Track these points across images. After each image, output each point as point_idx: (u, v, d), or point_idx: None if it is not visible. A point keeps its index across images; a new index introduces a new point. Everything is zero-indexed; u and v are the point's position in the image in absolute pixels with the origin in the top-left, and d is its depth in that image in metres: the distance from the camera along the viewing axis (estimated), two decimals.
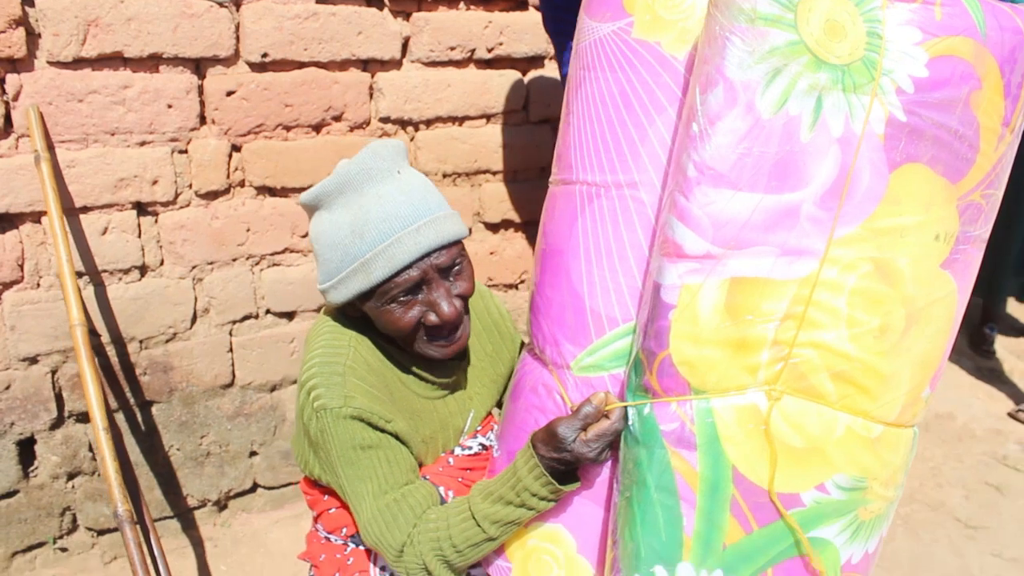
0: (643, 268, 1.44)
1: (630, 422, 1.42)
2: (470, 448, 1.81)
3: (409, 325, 1.56)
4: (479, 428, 1.86)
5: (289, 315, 2.66)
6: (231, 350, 2.59)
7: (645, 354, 1.37)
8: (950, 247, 1.36)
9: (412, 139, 2.69)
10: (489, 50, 2.73)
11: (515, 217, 2.92)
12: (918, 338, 1.37)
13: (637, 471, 1.40)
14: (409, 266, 1.51)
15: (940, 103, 1.29)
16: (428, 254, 1.53)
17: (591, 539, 1.57)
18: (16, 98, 2.17)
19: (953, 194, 1.34)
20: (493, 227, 2.91)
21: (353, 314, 1.65)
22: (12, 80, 2.16)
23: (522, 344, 1.95)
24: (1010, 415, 3.73)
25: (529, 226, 2.97)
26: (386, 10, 2.56)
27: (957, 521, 2.99)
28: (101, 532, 2.58)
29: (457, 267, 1.59)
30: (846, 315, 1.31)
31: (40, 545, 2.52)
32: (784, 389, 1.33)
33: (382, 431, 1.58)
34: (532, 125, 2.88)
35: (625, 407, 1.43)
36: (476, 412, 1.84)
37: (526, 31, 2.77)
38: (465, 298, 1.61)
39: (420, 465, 1.69)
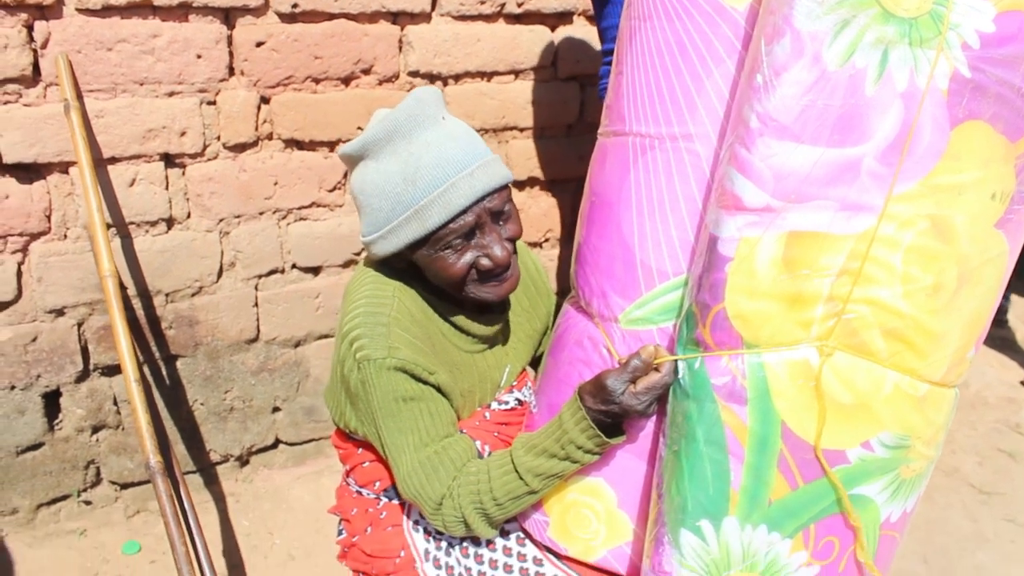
0: (695, 222, 1.43)
1: (680, 375, 1.41)
2: (506, 403, 1.80)
3: (463, 271, 1.54)
4: (515, 383, 1.85)
5: (315, 270, 2.64)
6: (256, 304, 2.58)
7: (699, 307, 1.36)
8: (1005, 207, 1.34)
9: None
10: (519, 4, 2.68)
11: (541, 175, 2.90)
12: (969, 298, 1.36)
13: (686, 424, 1.40)
14: (465, 211, 1.50)
15: (1005, 59, 1.26)
16: (482, 198, 1.51)
17: (632, 493, 1.57)
18: (44, 46, 2.14)
19: (1012, 153, 1.31)
20: (519, 184, 2.88)
21: (398, 264, 1.63)
22: (40, 28, 2.12)
23: (560, 298, 1.93)
24: (1023, 383, 3.75)
25: (555, 184, 2.95)
26: None
27: (971, 487, 3.02)
28: (124, 486, 2.58)
29: (507, 212, 1.58)
30: (901, 272, 1.30)
31: (64, 498, 2.52)
32: (836, 345, 1.32)
33: (425, 383, 1.56)
34: (560, 82, 2.84)
35: (675, 361, 1.42)
36: (512, 367, 1.83)
37: None
38: (514, 240, 1.60)
39: (457, 420, 1.69)
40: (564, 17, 2.80)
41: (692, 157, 1.42)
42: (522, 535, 1.67)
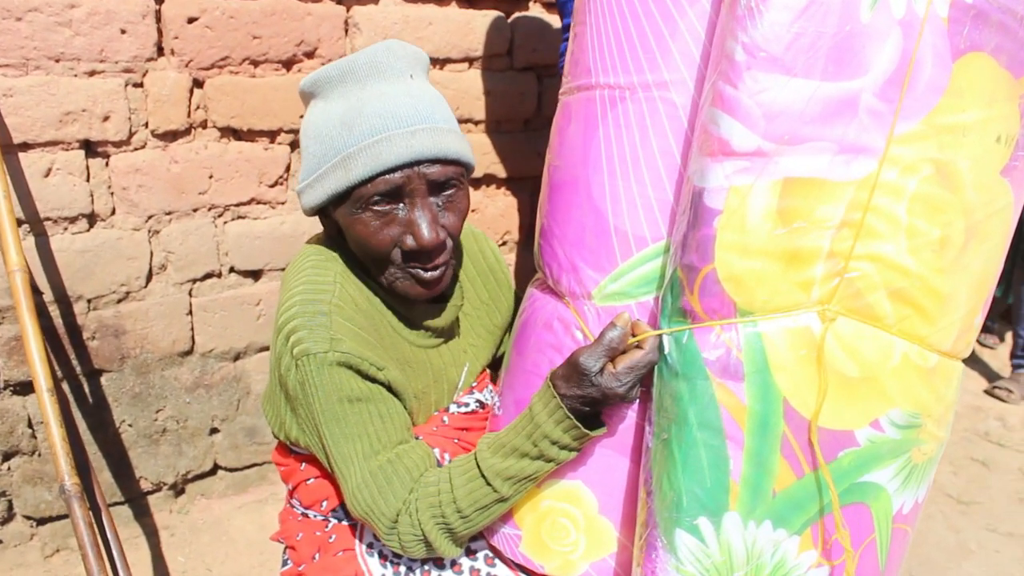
0: (675, 179, 1.29)
1: (666, 352, 1.25)
2: (466, 405, 1.60)
3: (382, 243, 1.34)
4: (475, 384, 1.64)
5: (255, 274, 2.40)
6: (191, 312, 2.33)
7: (685, 271, 1.21)
8: (1010, 151, 1.23)
9: None
10: None
11: (498, 172, 2.71)
12: (976, 255, 1.25)
13: (676, 407, 1.24)
14: (394, 169, 1.30)
15: None
16: (419, 163, 1.31)
17: (615, 496, 1.39)
18: None
19: (1015, 91, 1.21)
20: (474, 182, 2.69)
21: (332, 232, 1.44)
22: None
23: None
24: (987, 392, 3.79)
25: (513, 182, 2.76)
26: None
27: (949, 497, 2.96)
28: (41, 521, 2.29)
29: (451, 191, 1.37)
30: (906, 224, 1.18)
31: None
32: (839, 309, 1.19)
33: (373, 380, 1.35)
34: (516, 72, 2.67)
35: (659, 336, 1.25)
36: (471, 366, 1.62)
37: None
38: (451, 234, 1.39)
39: (412, 424, 1.46)
40: (520, 3, 2.64)
41: (668, 107, 1.27)
42: (491, 554, 1.46)
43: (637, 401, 1.35)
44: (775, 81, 1.12)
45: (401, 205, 1.34)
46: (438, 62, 2.52)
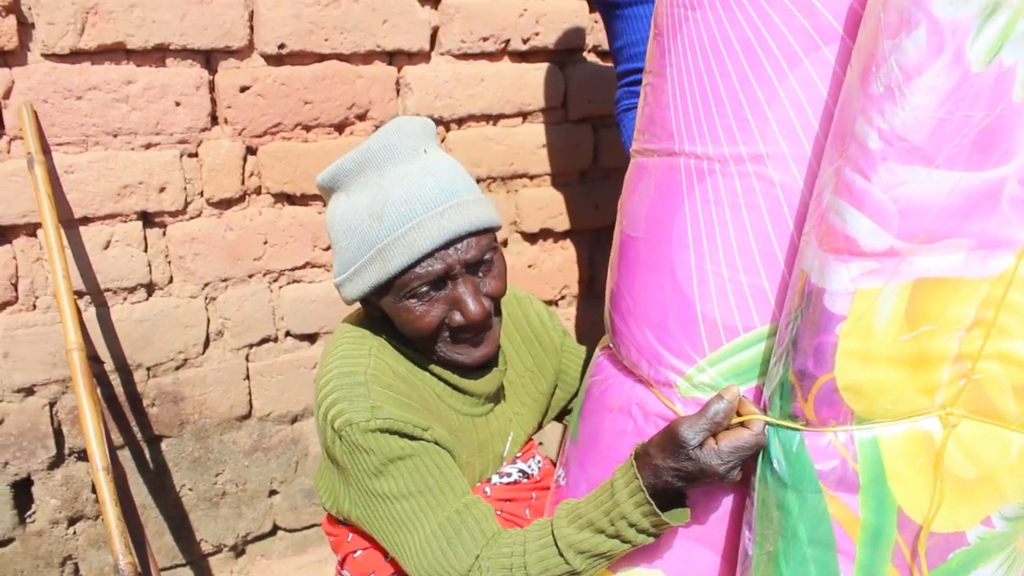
0: (771, 264, 1.20)
1: (773, 459, 1.17)
2: (509, 475, 1.59)
3: (431, 325, 1.36)
4: (519, 453, 1.62)
5: (311, 337, 2.40)
6: (248, 377, 2.34)
7: (798, 376, 1.13)
8: None
9: (443, 139, 2.45)
10: (524, 41, 2.49)
11: (555, 226, 2.68)
12: None
13: (785, 520, 1.17)
14: (431, 254, 1.32)
15: None
16: (453, 242, 1.33)
17: None
18: (7, 95, 1.94)
19: None
20: (531, 237, 2.66)
21: (375, 314, 1.46)
22: (3, 75, 1.93)
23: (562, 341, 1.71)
24: None
25: (570, 235, 2.73)
26: None
27: None
28: None
29: (487, 262, 1.39)
30: None
31: None
32: (963, 412, 1.11)
33: (419, 439, 1.35)
34: (571, 124, 2.64)
35: (766, 423, 1.19)
36: (516, 435, 1.61)
37: (564, 19, 2.55)
38: (495, 298, 1.40)
39: None
40: (573, 54, 2.61)
41: (764, 184, 1.17)
42: None
43: (729, 496, 1.28)
44: (914, 174, 1.02)
45: (444, 288, 1.35)
46: (491, 118, 2.51)
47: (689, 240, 1.24)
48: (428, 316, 1.36)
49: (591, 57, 2.65)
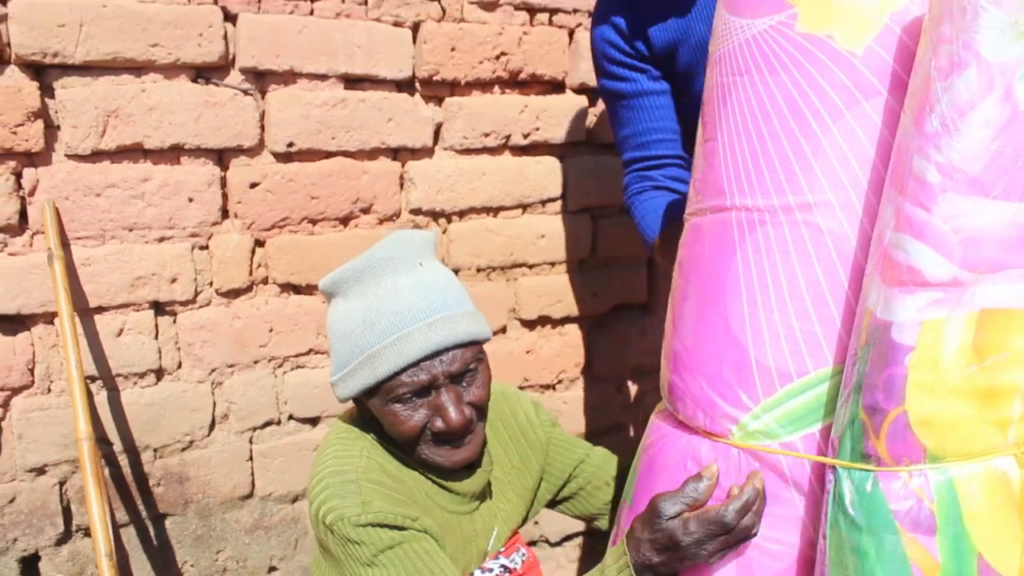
0: (822, 310, 1.24)
1: (846, 503, 1.17)
2: (491, 571, 1.64)
3: (413, 430, 1.45)
4: (502, 548, 1.68)
5: (313, 420, 2.49)
6: (251, 458, 2.42)
7: (869, 412, 1.14)
8: None
9: (444, 231, 2.56)
10: (525, 136, 2.61)
11: (553, 313, 2.76)
12: None
13: (861, 565, 1.17)
14: (417, 364, 1.41)
15: None
16: (439, 353, 1.42)
17: None
18: (32, 193, 2.06)
19: None
20: (530, 324, 2.74)
21: (366, 413, 1.54)
22: (28, 175, 2.05)
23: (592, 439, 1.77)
24: None
25: (568, 321, 2.81)
26: (417, 95, 2.45)
27: None
28: None
29: (471, 372, 1.48)
30: None
31: None
32: None
33: (410, 529, 1.42)
34: (570, 215, 2.74)
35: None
36: (500, 530, 1.67)
37: (563, 115, 2.66)
38: (477, 406, 1.48)
39: None
40: (573, 147, 2.72)
41: (812, 231, 1.23)
42: None
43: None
44: (973, 204, 1.07)
45: (428, 395, 1.44)
46: (492, 210, 2.61)
47: (742, 289, 1.28)
48: (411, 421, 1.44)
49: (589, 150, 2.75)
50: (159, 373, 2.27)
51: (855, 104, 1.20)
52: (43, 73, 2.03)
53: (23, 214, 2.06)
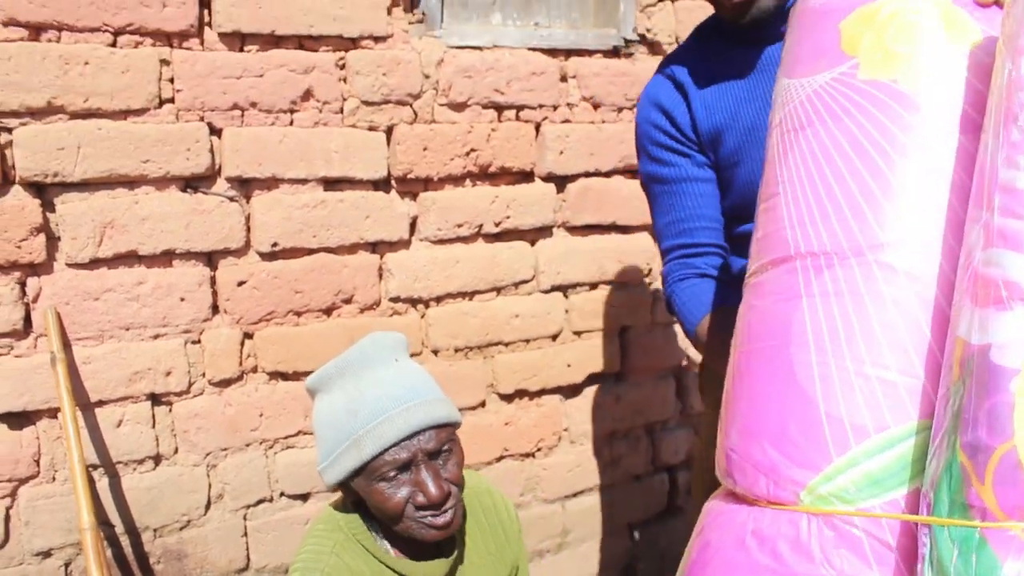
0: (901, 354, 1.12)
1: (948, 565, 1.00)
2: None
3: (398, 506, 1.60)
4: None
5: (304, 496, 2.65)
6: (245, 534, 2.58)
7: (970, 452, 0.99)
8: None
9: (423, 316, 2.73)
10: (496, 224, 2.78)
11: (529, 386, 2.92)
12: None
13: None
14: (398, 443, 1.58)
15: None
16: (417, 433, 1.59)
17: None
18: (35, 300, 2.24)
19: None
20: (507, 397, 2.90)
21: (351, 498, 1.70)
22: (32, 283, 2.23)
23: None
24: None
25: (544, 394, 2.97)
26: (393, 192, 2.63)
27: None
28: None
29: (446, 451, 1.64)
30: None
31: None
32: None
33: None
34: (542, 294, 2.91)
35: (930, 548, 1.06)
36: None
37: (532, 203, 2.84)
38: (453, 483, 1.64)
39: None
40: (543, 231, 2.89)
41: (885, 271, 1.13)
42: None
43: None
44: None
45: (409, 473, 1.60)
46: (467, 294, 2.78)
47: (809, 337, 1.16)
48: (396, 497, 1.60)
49: (561, 232, 2.92)
50: (157, 459, 2.44)
51: (925, 146, 1.14)
52: (44, 191, 2.22)
53: (27, 319, 2.24)
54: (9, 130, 2.15)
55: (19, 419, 2.27)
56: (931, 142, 1.14)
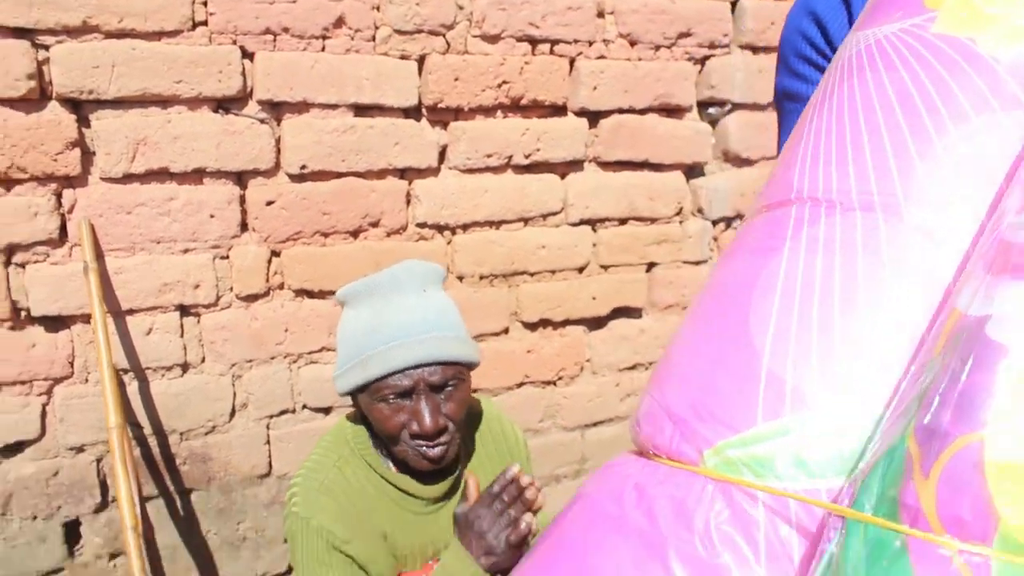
0: (880, 328, 0.93)
1: (848, 568, 0.79)
2: None
3: (394, 428, 1.69)
4: None
5: (325, 410, 2.75)
6: (268, 442, 2.70)
7: (922, 439, 0.78)
8: None
9: (449, 243, 2.76)
10: (526, 156, 2.78)
11: (553, 316, 2.96)
12: None
13: None
14: (402, 371, 1.65)
15: None
16: (423, 365, 1.66)
17: None
18: (71, 211, 2.33)
19: None
20: (531, 326, 2.95)
21: (361, 410, 1.79)
22: (68, 195, 2.32)
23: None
24: None
25: (567, 324, 3.00)
26: (423, 120, 2.65)
27: None
28: None
29: (450, 388, 1.70)
30: None
31: None
32: None
33: (340, 551, 1.69)
34: (570, 226, 2.92)
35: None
36: None
37: (564, 137, 2.82)
38: (450, 419, 1.71)
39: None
40: (574, 165, 2.88)
41: (893, 230, 0.95)
42: None
43: None
44: None
45: (409, 400, 1.67)
46: (494, 223, 2.80)
47: (778, 286, 0.98)
48: (392, 420, 1.68)
49: (591, 167, 2.91)
50: (184, 367, 2.55)
51: (988, 111, 0.96)
52: (80, 107, 2.29)
53: (63, 229, 2.34)
54: (46, 47, 2.21)
55: (55, 323, 2.39)
56: (996, 110, 0.96)
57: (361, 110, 2.56)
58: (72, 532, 2.58)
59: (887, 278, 0.93)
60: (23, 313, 2.35)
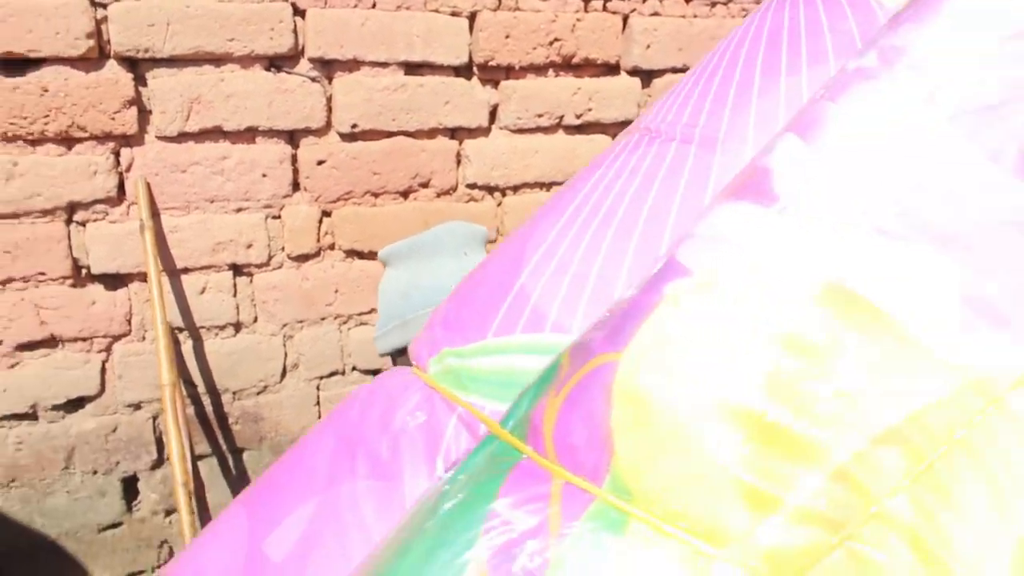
0: (644, 266, 0.84)
1: (465, 468, 0.73)
2: None
3: None
4: None
5: (374, 372, 2.76)
6: (318, 403, 2.72)
7: (572, 355, 0.72)
8: None
9: (499, 204, 2.75)
10: (578, 116, 2.76)
11: None
12: None
13: (398, 562, 0.76)
14: None
15: None
16: None
17: None
18: (128, 170, 2.36)
19: None
20: None
21: None
22: (125, 154, 2.35)
23: None
24: None
25: None
26: (474, 79, 2.63)
27: None
28: None
29: None
30: None
31: (140, 573, 2.72)
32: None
33: None
34: None
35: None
36: None
37: (616, 97, 2.80)
38: None
39: None
40: (624, 125, 2.84)
41: (700, 164, 0.92)
42: None
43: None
44: None
45: None
46: (544, 185, 2.79)
47: (570, 209, 0.96)
48: None
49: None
50: (237, 326, 2.58)
51: (848, 56, 0.88)
52: (137, 66, 2.31)
53: (121, 187, 2.37)
54: (104, 5, 2.23)
55: (113, 280, 2.43)
56: (853, 49, 0.89)
57: (411, 68, 2.55)
58: (130, 488, 2.63)
59: (673, 209, 0.90)
60: (84, 271, 2.38)
